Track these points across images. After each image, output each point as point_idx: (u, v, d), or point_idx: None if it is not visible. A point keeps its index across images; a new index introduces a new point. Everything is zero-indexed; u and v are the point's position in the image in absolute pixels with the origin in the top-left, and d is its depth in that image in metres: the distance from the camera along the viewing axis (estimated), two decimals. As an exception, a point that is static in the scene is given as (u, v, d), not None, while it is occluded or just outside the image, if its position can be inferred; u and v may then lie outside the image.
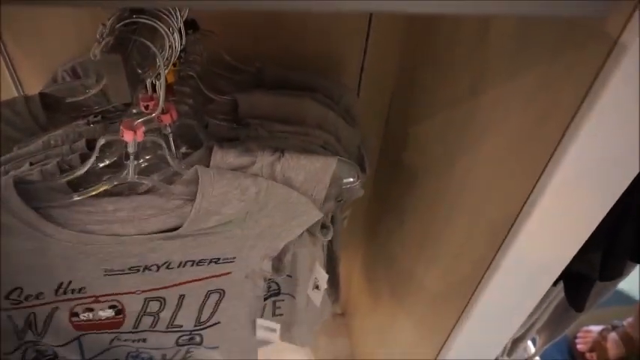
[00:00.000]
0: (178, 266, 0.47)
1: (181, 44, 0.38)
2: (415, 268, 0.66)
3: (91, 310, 0.48)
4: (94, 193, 0.40)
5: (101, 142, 0.39)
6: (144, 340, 0.53)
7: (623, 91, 0.29)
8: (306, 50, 0.63)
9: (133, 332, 0.51)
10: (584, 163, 0.33)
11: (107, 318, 0.49)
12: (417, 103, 0.64)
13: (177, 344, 0.55)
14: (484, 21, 0.44)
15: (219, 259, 0.47)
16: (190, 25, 0.48)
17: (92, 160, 0.40)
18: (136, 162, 0.40)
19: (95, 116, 0.45)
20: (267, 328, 0.60)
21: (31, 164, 0.40)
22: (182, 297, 0.50)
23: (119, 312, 0.49)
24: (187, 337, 0.54)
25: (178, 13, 0.38)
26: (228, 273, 0.49)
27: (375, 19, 0.63)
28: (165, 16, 0.36)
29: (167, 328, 0.52)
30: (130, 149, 0.39)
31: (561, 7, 0.24)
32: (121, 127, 0.38)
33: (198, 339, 0.55)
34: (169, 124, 0.41)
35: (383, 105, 0.75)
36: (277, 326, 0.61)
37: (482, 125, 0.46)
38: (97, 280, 0.45)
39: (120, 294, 0.47)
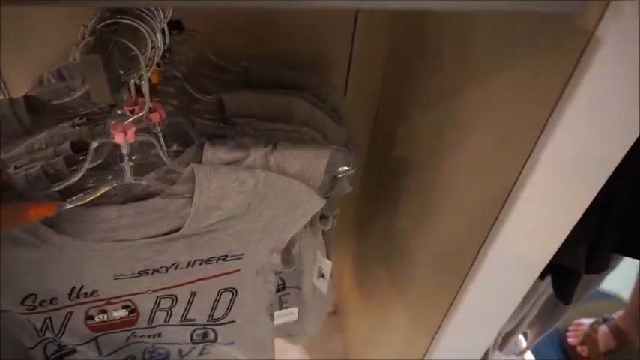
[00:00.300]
0: (187, 266, 0.47)
1: (165, 45, 0.38)
2: (404, 265, 0.66)
3: (104, 311, 0.49)
4: (91, 198, 0.40)
5: (94, 145, 0.39)
6: (159, 335, 0.54)
7: (598, 85, 0.29)
8: (294, 49, 0.63)
9: (147, 327, 0.52)
10: (564, 156, 0.34)
11: (121, 317, 0.50)
12: (405, 101, 0.64)
13: (193, 340, 0.55)
14: (468, 20, 0.44)
15: (227, 256, 0.48)
16: (175, 25, 0.48)
17: (86, 166, 0.40)
18: (131, 163, 0.40)
19: (80, 118, 0.45)
20: (285, 314, 0.62)
21: (16, 168, 0.40)
22: (193, 294, 0.50)
23: (132, 311, 0.50)
24: (201, 332, 0.55)
25: (162, 14, 0.38)
26: (238, 270, 0.50)
27: (361, 16, 0.63)
28: (148, 17, 0.36)
29: (180, 321, 0.53)
30: (124, 150, 0.39)
31: (539, 3, 0.24)
32: (112, 130, 0.37)
33: (212, 335, 0.56)
34: (159, 122, 0.41)
35: (371, 103, 0.75)
36: (295, 309, 0.62)
37: (468, 121, 0.46)
38: (108, 284, 0.46)
39: (132, 294, 0.48)
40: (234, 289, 0.52)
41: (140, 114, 0.38)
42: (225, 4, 0.24)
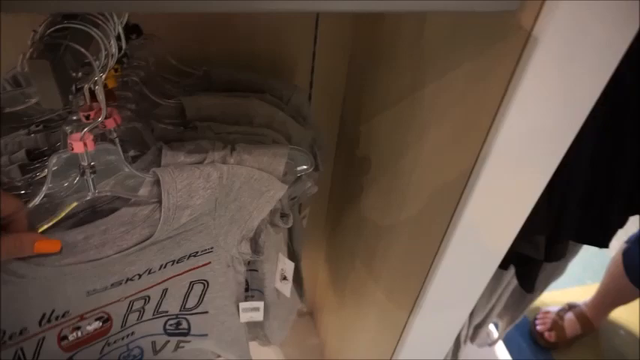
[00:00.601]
0: (160, 269, 0.47)
1: (122, 50, 0.38)
2: (372, 262, 0.67)
3: (78, 328, 0.47)
4: (57, 219, 0.39)
5: (53, 161, 0.38)
6: (132, 334, 0.53)
7: (539, 80, 0.31)
8: (256, 50, 0.64)
9: (121, 331, 0.51)
10: (513, 146, 0.35)
11: (95, 329, 0.49)
12: (368, 100, 0.65)
13: (166, 331, 0.55)
14: (419, 20, 0.46)
15: (197, 252, 0.48)
16: (133, 29, 0.48)
17: (45, 187, 0.38)
18: (93, 175, 0.39)
19: (37, 125, 0.44)
20: (251, 309, 0.61)
21: (-32, 178, 0.39)
22: (165, 290, 0.50)
23: (106, 320, 0.49)
24: (174, 322, 0.54)
25: (116, 19, 0.38)
26: (208, 263, 0.50)
27: (322, 17, 0.64)
28: (102, 22, 0.35)
29: (153, 315, 0.52)
30: (84, 162, 0.38)
31: (472, 3, 0.25)
32: (70, 142, 0.37)
33: (185, 324, 0.55)
34: (114, 128, 0.40)
35: (336, 103, 0.76)
36: (260, 304, 0.61)
37: (426, 118, 0.48)
38: (80, 302, 0.45)
39: (105, 306, 0.47)
40: (205, 280, 0.52)
41: (99, 120, 0.38)
42: (181, 8, 0.24)
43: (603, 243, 0.66)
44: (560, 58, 0.30)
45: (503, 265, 0.69)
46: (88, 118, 0.37)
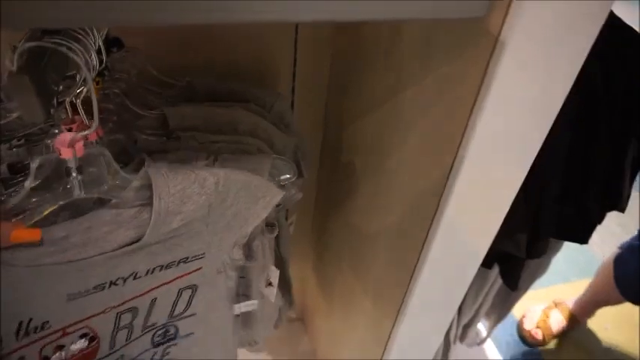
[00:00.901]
0: (146, 274, 0.44)
1: (102, 63, 0.39)
2: (358, 266, 0.68)
3: (61, 347, 0.43)
4: (36, 219, 0.37)
5: (35, 163, 0.37)
6: (122, 357, 0.50)
7: (509, 81, 0.32)
8: (238, 59, 0.65)
9: (110, 354, 0.48)
10: (487, 146, 0.37)
11: (81, 350, 0.45)
12: (350, 105, 0.67)
13: (153, 343, 0.53)
14: (395, 27, 0.47)
15: (187, 257, 0.46)
16: (114, 42, 0.48)
17: (28, 184, 0.37)
18: (80, 177, 0.38)
19: (18, 140, 0.44)
20: (246, 306, 0.60)
21: (-50, 193, 0.39)
22: (154, 300, 0.47)
23: (92, 339, 0.45)
24: (162, 332, 0.52)
25: (96, 33, 0.38)
26: (199, 269, 0.48)
27: (302, 25, 0.65)
28: (82, 36, 0.36)
29: (142, 331, 0.50)
30: (72, 164, 0.37)
31: (435, 10, 0.27)
32: (57, 147, 0.36)
33: (172, 330, 0.53)
34: (96, 140, 0.40)
35: (319, 109, 0.77)
36: (255, 301, 0.60)
37: (407, 121, 0.49)
38: (61, 309, 0.41)
39: (89, 318, 0.43)
40: (194, 285, 0.50)
41: (86, 132, 0.38)
42: (157, 21, 0.25)
43: (583, 239, 0.68)
44: (528, 60, 0.31)
45: (487, 264, 0.70)
46: (70, 130, 0.37)
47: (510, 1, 0.29)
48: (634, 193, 0.65)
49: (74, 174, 0.37)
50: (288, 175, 0.50)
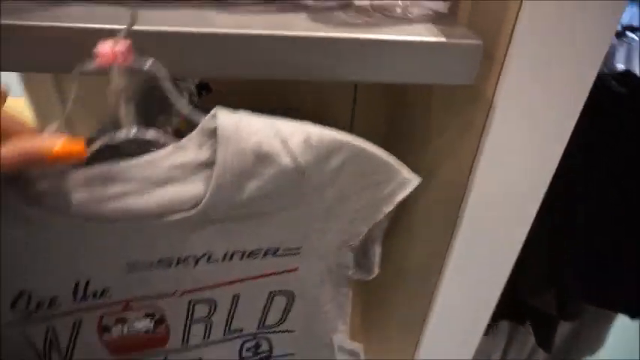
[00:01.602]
0: (223, 259, 0.37)
1: (193, 103, 0.50)
2: (374, 311, 0.71)
3: (123, 321, 0.39)
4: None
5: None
6: None
7: (503, 139, 0.38)
8: (302, 105, 0.75)
9: (183, 351, 0.42)
10: (486, 203, 0.42)
11: (146, 331, 0.40)
12: (396, 153, 0.74)
13: (242, 357, 0.45)
14: (427, 92, 0.54)
15: (277, 249, 0.37)
16: (204, 87, 0.61)
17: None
18: (129, 101, 0.30)
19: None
20: (348, 351, 0.46)
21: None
22: (236, 298, 0.40)
23: (159, 322, 0.40)
24: (252, 345, 0.44)
25: (190, 79, 0.51)
26: (294, 269, 0.40)
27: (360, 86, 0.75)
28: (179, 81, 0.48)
29: (225, 335, 0.42)
30: (117, 81, 0.28)
31: (430, 76, 0.35)
32: (95, 52, 0.27)
33: (266, 346, 0.45)
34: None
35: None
36: (360, 348, 0.47)
37: (426, 172, 0.54)
38: (122, 279, 0.36)
39: (154, 297, 0.38)
40: (290, 292, 0.41)
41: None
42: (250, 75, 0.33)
43: (630, 311, 0.64)
44: (520, 124, 0.37)
45: (520, 320, 0.71)
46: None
47: (500, 70, 0.36)
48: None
49: (122, 95, 0.30)
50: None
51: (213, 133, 0.32)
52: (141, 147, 0.33)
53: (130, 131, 0.31)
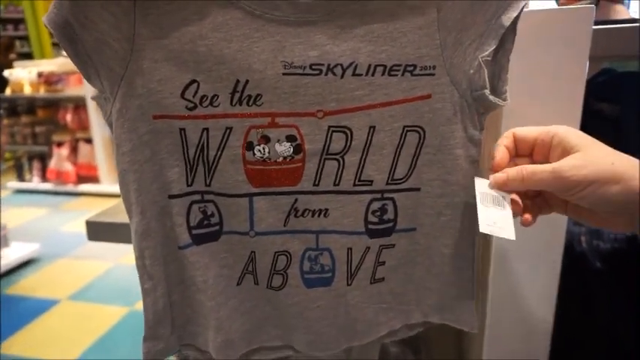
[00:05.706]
0: (367, 73, 0.40)
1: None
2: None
3: (267, 140, 0.42)
4: None
5: None
6: (325, 215, 0.44)
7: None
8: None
9: (313, 193, 0.44)
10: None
11: (284, 159, 0.42)
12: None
13: (367, 228, 0.45)
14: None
15: (415, 66, 0.40)
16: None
17: None
18: None
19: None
20: (494, 202, 0.39)
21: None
22: (372, 129, 0.42)
23: (297, 149, 0.42)
24: (379, 207, 0.44)
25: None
26: (428, 96, 0.41)
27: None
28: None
29: (354, 184, 0.44)
30: None
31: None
32: None
33: (391, 212, 0.45)
34: None
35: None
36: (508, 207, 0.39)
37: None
38: (275, 84, 0.40)
39: (298, 114, 0.41)
40: (420, 128, 0.42)
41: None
42: None
43: None
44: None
45: None
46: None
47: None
48: None
49: None
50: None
51: None
52: None
53: None
